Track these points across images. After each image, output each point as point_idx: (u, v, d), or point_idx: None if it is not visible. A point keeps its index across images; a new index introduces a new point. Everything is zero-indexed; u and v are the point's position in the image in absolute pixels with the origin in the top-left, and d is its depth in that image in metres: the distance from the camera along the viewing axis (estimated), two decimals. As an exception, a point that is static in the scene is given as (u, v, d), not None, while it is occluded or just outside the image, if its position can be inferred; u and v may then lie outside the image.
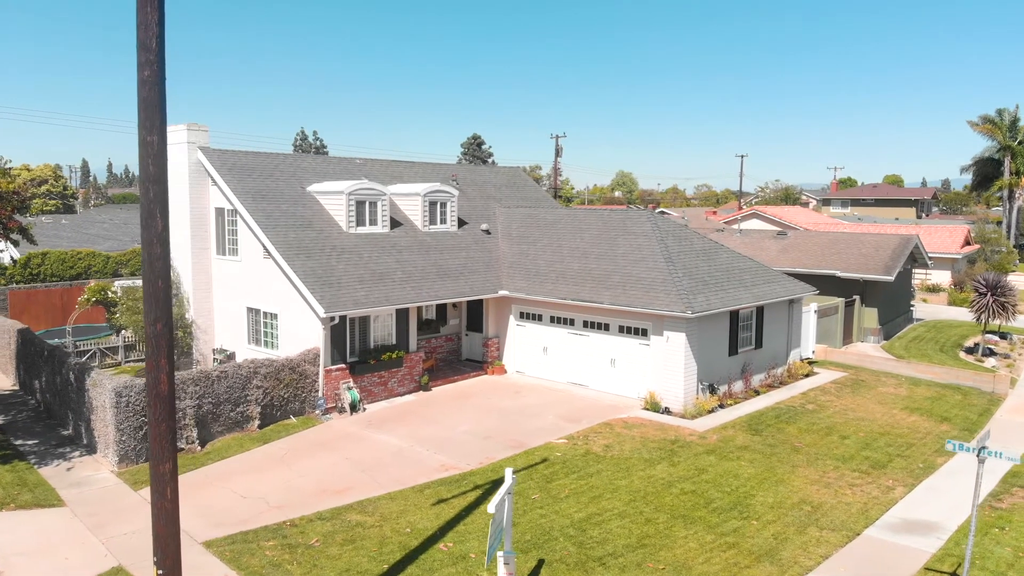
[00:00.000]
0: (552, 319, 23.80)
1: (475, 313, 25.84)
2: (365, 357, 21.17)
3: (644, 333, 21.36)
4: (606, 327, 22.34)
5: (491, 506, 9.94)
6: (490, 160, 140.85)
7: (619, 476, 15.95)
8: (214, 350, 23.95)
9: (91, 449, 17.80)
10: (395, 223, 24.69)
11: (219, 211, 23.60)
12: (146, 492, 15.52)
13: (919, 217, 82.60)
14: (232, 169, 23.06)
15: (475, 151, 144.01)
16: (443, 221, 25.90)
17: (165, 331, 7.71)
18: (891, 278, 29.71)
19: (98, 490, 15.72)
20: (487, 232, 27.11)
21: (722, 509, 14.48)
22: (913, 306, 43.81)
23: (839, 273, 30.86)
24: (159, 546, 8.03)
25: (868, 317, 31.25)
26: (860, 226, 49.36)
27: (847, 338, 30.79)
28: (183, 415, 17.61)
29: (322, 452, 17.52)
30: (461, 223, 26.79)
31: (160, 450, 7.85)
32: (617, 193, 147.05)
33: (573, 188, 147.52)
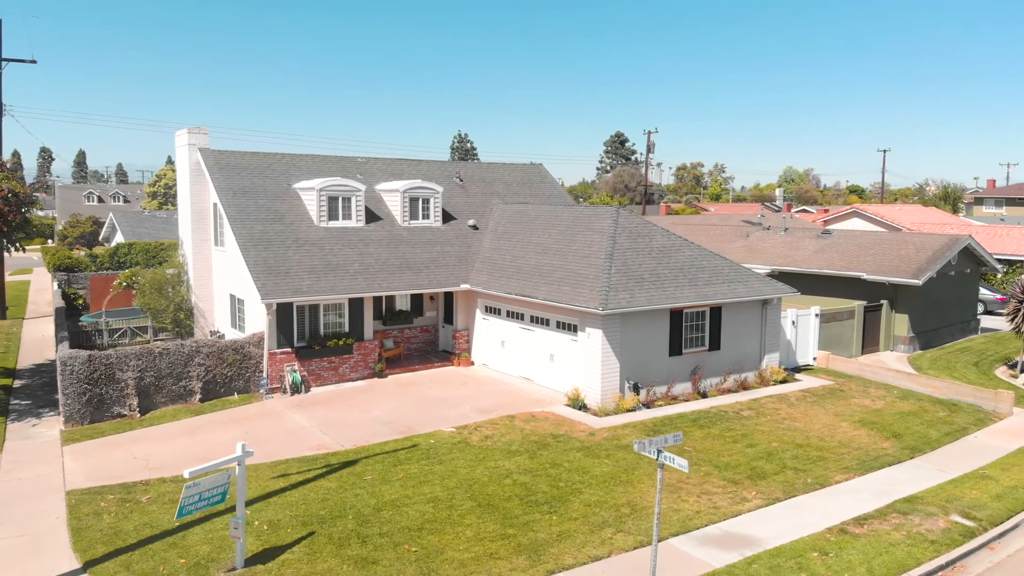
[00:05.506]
0: (508, 313, 24.08)
1: (450, 306, 26.60)
2: (313, 343, 22.66)
3: (575, 329, 21.20)
4: (547, 322, 22.35)
5: (187, 472, 10.89)
6: (632, 158, 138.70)
7: (467, 465, 16.22)
8: (210, 332, 26.51)
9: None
10: (375, 218, 26.01)
11: (214, 206, 26.08)
12: (69, 448, 17.88)
13: (1085, 217, 72.21)
14: (223, 168, 25.40)
15: (617, 149, 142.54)
16: (425, 216, 26.86)
17: None
18: (919, 282, 26.93)
19: (37, 444, 18.29)
20: (474, 228, 27.75)
21: (536, 503, 14.41)
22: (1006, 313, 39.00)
23: (864, 276, 28.41)
24: None
25: (899, 324, 28.50)
26: (930, 224, 44.50)
27: (871, 345, 28.30)
28: (125, 385, 19.95)
29: (232, 426, 19.15)
30: (449, 219, 27.62)
31: None
32: (778, 191, 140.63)
33: (723, 185, 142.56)
